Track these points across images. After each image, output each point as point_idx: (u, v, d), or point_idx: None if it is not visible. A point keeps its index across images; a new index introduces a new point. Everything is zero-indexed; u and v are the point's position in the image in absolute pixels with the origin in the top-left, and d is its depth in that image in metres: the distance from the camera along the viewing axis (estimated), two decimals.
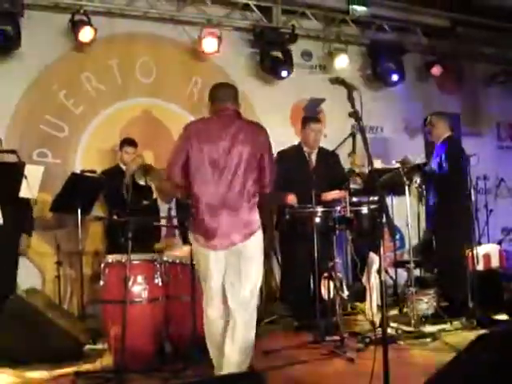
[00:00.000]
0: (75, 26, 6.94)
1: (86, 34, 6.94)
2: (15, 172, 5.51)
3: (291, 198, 5.98)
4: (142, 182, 5.76)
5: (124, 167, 6.56)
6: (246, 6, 8.04)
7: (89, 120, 7.27)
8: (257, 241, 4.08)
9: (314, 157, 6.31)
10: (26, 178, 5.53)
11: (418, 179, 6.30)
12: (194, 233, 4.07)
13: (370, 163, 3.47)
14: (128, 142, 6.63)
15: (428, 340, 5.32)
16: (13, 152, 5.75)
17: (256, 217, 4.09)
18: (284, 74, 8.00)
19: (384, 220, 3.18)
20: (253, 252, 4.06)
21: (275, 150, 6.68)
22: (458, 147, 6.42)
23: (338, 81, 3.60)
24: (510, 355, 2.73)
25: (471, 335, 5.28)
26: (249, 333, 4.04)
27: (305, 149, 6.33)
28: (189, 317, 4.63)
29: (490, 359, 2.69)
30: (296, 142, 6.59)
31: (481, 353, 2.75)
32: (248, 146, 4.02)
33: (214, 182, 3.97)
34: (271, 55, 7.98)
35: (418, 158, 6.43)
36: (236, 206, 3.98)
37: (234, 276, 4.01)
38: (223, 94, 4.19)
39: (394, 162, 6.37)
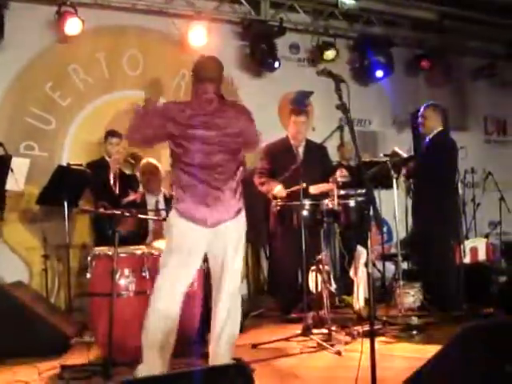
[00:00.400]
0: (62, 18, 6.90)
1: (72, 26, 6.90)
2: (1, 165, 5.46)
3: (279, 191, 5.97)
4: (129, 172, 5.72)
5: (109, 159, 6.53)
6: None
7: (76, 112, 7.23)
8: (243, 222, 4.07)
9: (301, 150, 6.30)
10: (12, 170, 5.50)
11: (405, 172, 6.31)
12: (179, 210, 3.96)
13: (358, 156, 3.47)
14: (112, 134, 6.59)
15: (415, 333, 5.34)
16: None
17: (241, 200, 4.07)
18: (272, 66, 7.99)
19: (371, 213, 3.17)
20: (240, 233, 4.05)
21: (263, 143, 6.74)
22: (448, 142, 6.38)
23: (325, 72, 3.59)
24: (496, 348, 2.75)
25: (458, 328, 5.32)
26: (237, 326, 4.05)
27: (292, 142, 6.32)
28: None
29: (477, 352, 2.71)
30: (284, 135, 6.58)
31: (467, 345, 2.76)
32: (230, 128, 3.98)
33: (200, 165, 3.92)
34: (259, 48, 7.96)
35: (405, 151, 6.43)
36: (222, 188, 3.96)
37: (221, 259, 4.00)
38: (206, 74, 4.06)
39: (381, 155, 6.38)
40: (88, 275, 4.92)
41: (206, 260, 4.87)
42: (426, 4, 8.98)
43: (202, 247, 3.99)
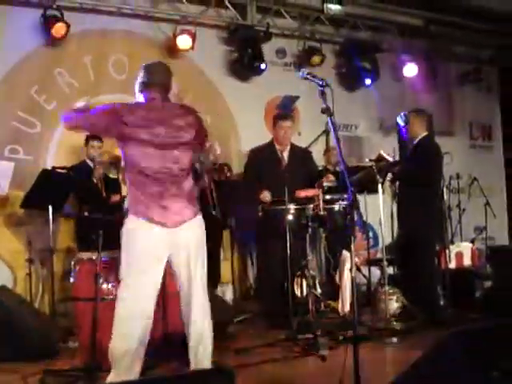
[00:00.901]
0: (47, 22, 6.86)
1: (58, 30, 6.86)
2: None
3: (265, 195, 5.98)
4: (112, 175, 5.70)
5: (91, 163, 6.50)
6: (221, 4, 8.01)
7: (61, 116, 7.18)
8: (202, 223, 4.01)
9: (286, 154, 6.31)
10: None
11: (391, 177, 6.32)
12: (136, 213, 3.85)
13: (341, 159, 3.47)
14: (93, 137, 6.56)
15: (399, 338, 5.34)
16: None
17: (196, 201, 4.02)
18: (258, 71, 8.00)
19: (355, 217, 3.18)
20: (201, 234, 3.99)
21: (249, 148, 6.76)
22: (433, 147, 6.39)
23: (309, 76, 3.60)
24: (480, 353, 2.75)
25: (442, 333, 5.33)
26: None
27: (277, 146, 6.33)
28: (160, 314, 4.59)
29: (461, 357, 2.71)
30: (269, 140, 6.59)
31: (451, 351, 2.76)
32: (181, 130, 3.91)
33: (153, 166, 3.83)
34: (246, 53, 7.96)
35: (390, 156, 6.43)
36: (178, 188, 3.90)
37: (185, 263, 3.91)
38: (152, 79, 4.01)
39: (367, 159, 6.39)
40: (71, 279, 4.89)
41: None
42: (412, 10, 9.03)
43: (164, 250, 3.86)
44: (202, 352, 3.90)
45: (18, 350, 4.95)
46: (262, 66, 7.96)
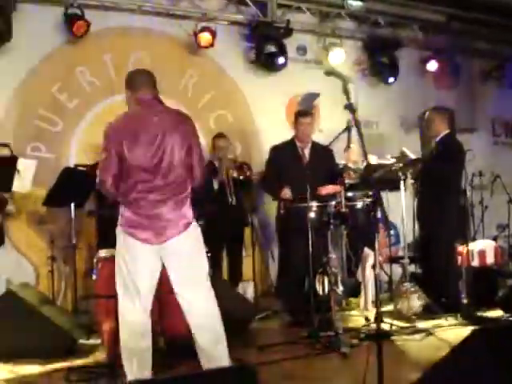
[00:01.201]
0: (68, 20, 6.90)
1: (79, 28, 6.90)
2: (8, 166, 5.46)
3: (286, 192, 5.96)
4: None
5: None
6: (242, 0, 8.00)
7: (83, 114, 7.22)
8: (195, 234, 3.99)
9: (307, 151, 6.29)
10: (18, 172, 5.49)
11: (412, 174, 6.27)
12: (123, 227, 3.89)
13: (365, 156, 3.44)
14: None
15: (422, 336, 5.30)
16: (6, 146, 5.73)
17: (190, 211, 3.97)
18: (279, 68, 7.98)
19: (379, 215, 3.15)
20: (193, 246, 3.97)
21: (270, 146, 6.75)
22: (455, 144, 6.35)
23: (333, 72, 3.58)
24: (504, 352, 2.72)
25: (465, 331, 5.27)
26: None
27: (298, 144, 6.30)
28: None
29: (484, 355, 2.68)
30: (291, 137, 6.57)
31: (475, 349, 2.73)
32: (175, 137, 3.87)
33: (149, 178, 3.83)
34: (266, 50, 7.96)
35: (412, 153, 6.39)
36: (167, 201, 3.86)
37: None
38: (140, 81, 4.00)
39: (388, 156, 6.35)
40: (94, 277, 4.92)
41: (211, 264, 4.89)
42: (433, 6, 8.95)
43: (156, 264, 3.88)
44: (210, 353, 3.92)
45: (40, 347, 4.98)
46: (279, 68, 7.95)
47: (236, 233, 7.05)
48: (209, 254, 4.99)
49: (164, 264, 3.91)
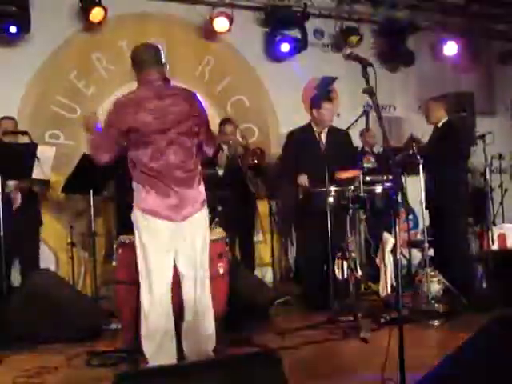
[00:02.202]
0: (85, 7, 6.91)
1: (96, 15, 6.91)
2: (27, 153, 5.49)
3: (302, 179, 5.94)
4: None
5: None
6: None
7: (100, 101, 7.24)
8: (206, 214, 4.01)
9: (324, 136, 6.26)
10: (38, 159, 5.51)
11: None
12: (139, 207, 3.86)
13: (385, 140, 3.42)
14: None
15: (442, 320, 5.29)
16: (25, 133, 5.76)
17: (202, 189, 3.97)
18: (296, 52, 7.95)
19: (400, 199, 3.13)
20: (206, 226, 4.00)
21: (287, 130, 6.73)
22: (454, 130, 6.33)
23: (352, 56, 3.54)
24: None
25: (485, 316, 5.25)
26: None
27: (315, 128, 6.27)
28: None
29: (505, 342, 2.66)
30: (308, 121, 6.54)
31: (495, 335, 2.72)
32: (184, 116, 3.85)
33: (162, 156, 3.80)
34: (283, 34, 7.92)
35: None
36: (185, 180, 3.86)
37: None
38: (147, 59, 3.89)
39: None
40: (114, 263, 4.93)
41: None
42: None
43: (172, 243, 3.89)
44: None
45: (61, 332, 5.03)
46: (296, 52, 7.91)
47: (248, 218, 7.07)
48: (227, 240, 5.02)
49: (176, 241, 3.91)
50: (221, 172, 6.62)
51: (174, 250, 3.92)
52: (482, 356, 2.67)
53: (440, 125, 6.30)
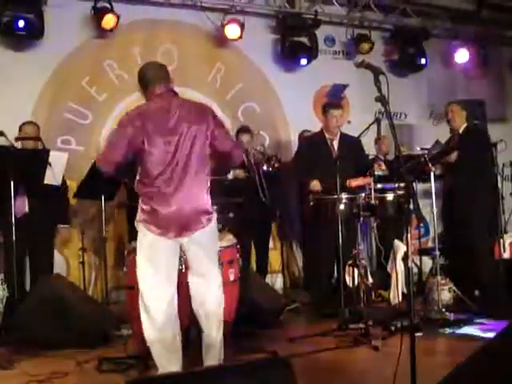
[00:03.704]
0: (97, 13, 6.96)
1: (108, 22, 6.95)
2: (40, 159, 5.51)
3: (315, 184, 5.94)
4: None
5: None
6: None
7: (112, 107, 7.28)
8: (215, 230, 4.02)
9: (336, 143, 6.25)
10: (50, 165, 5.53)
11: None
12: (143, 222, 3.86)
13: (398, 149, 3.42)
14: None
15: (453, 328, 5.26)
16: (37, 139, 5.78)
17: (210, 202, 3.96)
18: (307, 60, 7.97)
19: (412, 206, 3.13)
20: (213, 242, 4.03)
21: (299, 136, 6.74)
22: (476, 137, 6.29)
23: (364, 64, 3.54)
24: None
25: (497, 325, 5.23)
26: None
27: (327, 135, 6.27)
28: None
29: None
30: (318, 129, 6.53)
31: (508, 343, 2.71)
32: (195, 128, 3.83)
33: (169, 170, 3.79)
34: (294, 41, 7.95)
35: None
36: (191, 194, 3.84)
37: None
38: (153, 76, 3.92)
39: (418, 148, 6.29)
40: (125, 269, 4.94)
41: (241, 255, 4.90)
42: None
43: (175, 257, 3.91)
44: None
45: (72, 337, 5.03)
46: (306, 59, 7.98)
47: (263, 225, 7.06)
48: (238, 246, 5.02)
49: (184, 253, 3.95)
50: (230, 176, 6.61)
51: (182, 263, 3.94)
52: (496, 364, 2.65)
53: (461, 131, 6.24)
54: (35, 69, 6.88)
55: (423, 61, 8.70)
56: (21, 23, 6.54)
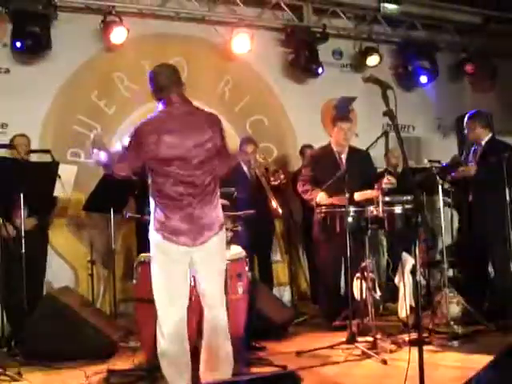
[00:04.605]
0: (107, 27, 7.02)
1: (117, 35, 7.02)
2: (49, 171, 5.55)
3: (321, 197, 5.95)
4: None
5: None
6: (277, 6, 8.04)
7: (121, 120, 7.33)
8: (224, 235, 4.02)
9: (344, 156, 6.26)
10: (59, 177, 5.57)
11: (450, 178, 6.19)
12: (157, 231, 3.86)
13: (405, 162, 3.44)
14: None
15: (461, 342, 5.25)
16: (47, 152, 5.83)
17: (221, 211, 3.98)
18: (315, 73, 8.00)
19: (420, 220, 3.14)
20: (222, 246, 4.02)
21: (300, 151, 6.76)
22: (499, 148, 6.25)
23: (372, 79, 3.57)
24: None
25: (505, 338, 5.21)
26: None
27: (335, 148, 6.28)
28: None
29: None
30: (326, 142, 6.55)
31: None
32: (204, 136, 3.85)
33: (181, 177, 3.80)
34: (302, 54, 7.98)
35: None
36: (203, 203, 3.86)
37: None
38: (166, 83, 3.88)
39: (425, 160, 6.29)
40: (134, 281, 4.96)
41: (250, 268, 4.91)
42: (469, 7, 8.88)
43: (189, 267, 3.91)
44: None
45: (80, 349, 5.05)
46: (315, 72, 8.03)
47: (266, 238, 7.09)
48: (247, 259, 5.04)
49: (194, 265, 3.93)
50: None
51: (193, 273, 3.95)
52: (506, 378, 2.66)
53: (483, 143, 6.21)
54: (45, 82, 6.94)
55: (431, 74, 8.70)
56: (30, 36, 6.60)
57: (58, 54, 6.92)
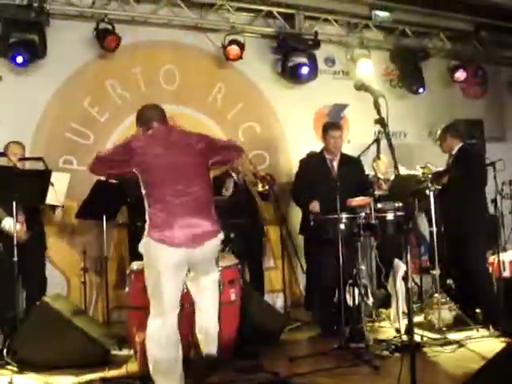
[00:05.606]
0: (100, 35, 7.02)
1: (110, 42, 7.02)
2: (42, 179, 5.54)
3: (313, 205, 5.97)
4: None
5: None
6: (269, 13, 8.07)
7: (113, 127, 7.33)
8: (219, 242, 4.14)
9: (336, 163, 6.29)
10: (52, 185, 5.56)
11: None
12: (153, 235, 3.96)
13: (396, 169, 3.46)
14: None
15: (454, 347, 5.26)
16: (40, 159, 5.82)
17: (215, 217, 4.11)
18: (307, 80, 8.02)
19: (411, 227, 3.16)
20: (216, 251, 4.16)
21: (299, 157, 6.77)
22: (469, 156, 6.35)
23: (363, 87, 3.59)
24: None
25: (498, 344, 5.23)
26: None
27: (327, 156, 6.31)
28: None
29: None
30: (319, 149, 6.57)
31: (509, 362, 2.72)
32: (193, 148, 4.08)
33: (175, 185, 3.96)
34: (294, 61, 8.00)
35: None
36: (199, 208, 4.01)
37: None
38: (151, 115, 4.21)
39: (417, 167, 6.33)
40: (126, 289, 4.97)
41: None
42: (461, 15, 8.93)
43: (184, 271, 4.03)
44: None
45: (73, 358, 5.03)
46: (307, 79, 8.04)
47: (257, 245, 7.11)
48: (239, 266, 5.05)
49: (188, 271, 4.03)
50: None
51: (187, 276, 3.98)
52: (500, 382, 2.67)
53: (454, 152, 6.32)
54: (37, 89, 6.93)
55: (422, 81, 8.75)
56: (22, 43, 6.60)
57: (51, 61, 6.91)
